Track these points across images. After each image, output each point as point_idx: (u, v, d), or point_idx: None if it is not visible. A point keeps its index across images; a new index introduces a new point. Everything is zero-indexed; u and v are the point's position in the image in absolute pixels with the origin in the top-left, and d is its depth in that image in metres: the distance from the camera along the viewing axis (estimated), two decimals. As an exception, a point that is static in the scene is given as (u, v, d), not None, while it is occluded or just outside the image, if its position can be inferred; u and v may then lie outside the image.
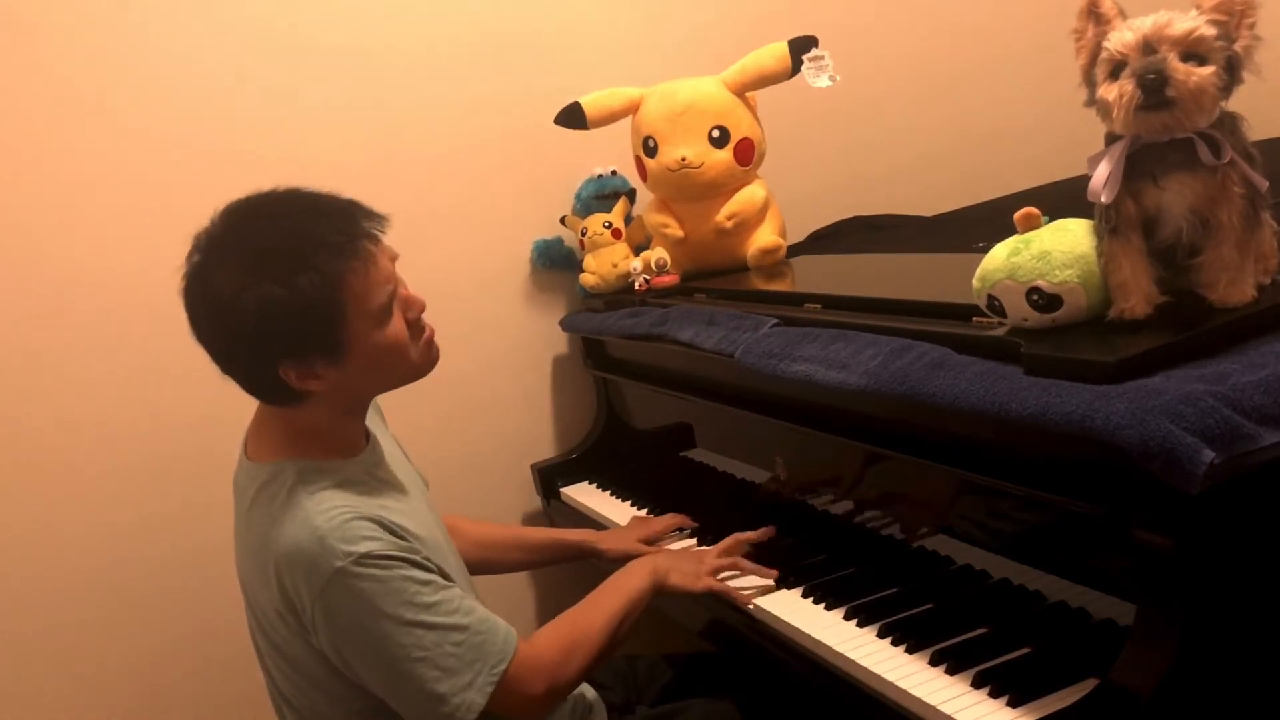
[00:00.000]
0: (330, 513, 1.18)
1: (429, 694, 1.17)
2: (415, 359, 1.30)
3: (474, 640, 1.19)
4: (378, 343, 1.24)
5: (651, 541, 1.69)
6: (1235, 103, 1.07)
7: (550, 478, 2.14)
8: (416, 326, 1.30)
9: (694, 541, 1.69)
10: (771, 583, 1.46)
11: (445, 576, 1.23)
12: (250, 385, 1.26)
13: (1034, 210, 1.15)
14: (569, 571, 2.19)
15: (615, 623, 1.34)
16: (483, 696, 1.18)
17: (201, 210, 1.25)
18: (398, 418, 1.61)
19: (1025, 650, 1.16)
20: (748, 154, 2.00)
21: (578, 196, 2.20)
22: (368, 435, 1.36)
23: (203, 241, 1.22)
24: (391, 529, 1.19)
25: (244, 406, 1.36)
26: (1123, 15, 1.07)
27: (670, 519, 1.74)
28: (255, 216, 1.22)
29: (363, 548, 1.15)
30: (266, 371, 1.21)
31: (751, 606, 1.43)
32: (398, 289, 1.27)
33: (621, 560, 1.56)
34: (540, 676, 1.25)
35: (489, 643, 1.21)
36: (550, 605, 2.21)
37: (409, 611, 1.16)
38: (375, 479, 1.30)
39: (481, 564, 1.64)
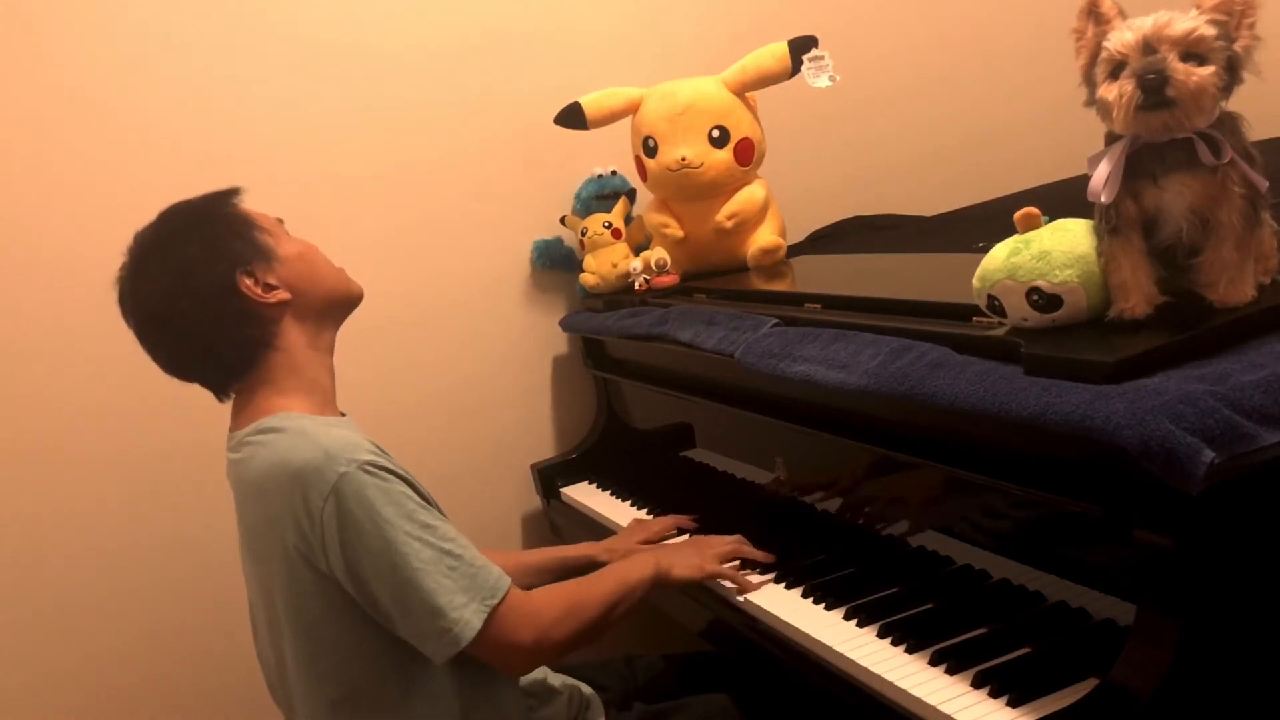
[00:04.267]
0: (333, 434, 1.24)
1: (431, 606, 1.20)
2: (335, 271, 1.41)
3: (468, 570, 1.23)
4: (292, 246, 1.37)
5: (652, 544, 1.69)
6: (1235, 103, 1.07)
7: (550, 478, 2.14)
8: None
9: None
10: (771, 576, 1.48)
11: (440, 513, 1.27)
12: (226, 344, 1.31)
13: (1034, 210, 1.15)
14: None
15: (611, 603, 1.36)
16: (479, 619, 1.21)
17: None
18: (399, 417, 1.61)
19: (1025, 650, 1.16)
20: (748, 154, 2.00)
21: (578, 196, 2.20)
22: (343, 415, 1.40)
23: (122, 293, 1.33)
24: (391, 459, 1.25)
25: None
26: (1123, 15, 1.07)
27: (670, 520, 1.74)
28: (137, 242, 1.33)
29: (365, 456, 1.21)
30: (233, 308, 1.29)
31: (744, 599, 1.44)
32: (282, 223, 1.41)
33: None
34: (531, 626, 1.26)
35: (483, 576, 1.24)
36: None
37: (409, 524, 1.20)
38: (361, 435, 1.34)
39: None
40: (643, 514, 1.85)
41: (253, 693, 1.44)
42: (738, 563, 1.52)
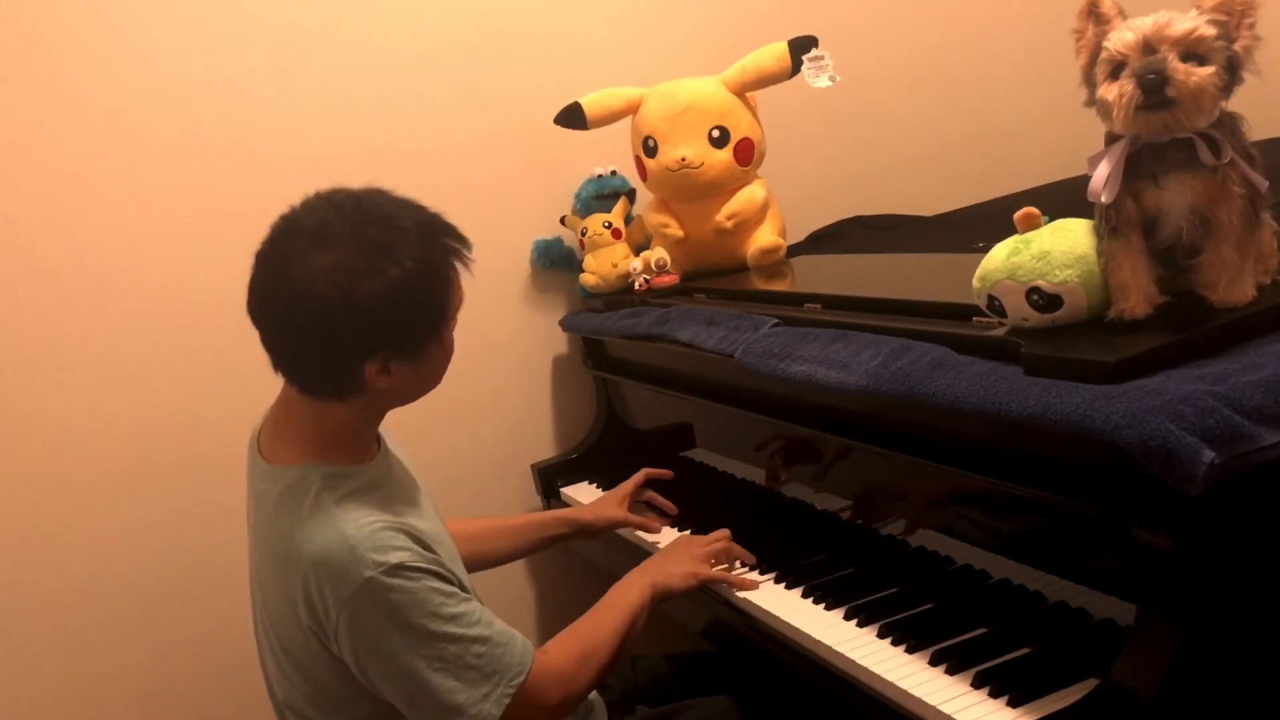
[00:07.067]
0: (360, 521, 1.18)
1: (446, 705, 1.18)
2: (442, 373, 1.32)
3: (494, 652, 1.21)
4: (446, 347, 1.27)
5: (629, 502, 1.76)
6: (1235, 103, 1.07)
7: (550, 478, 2.14)
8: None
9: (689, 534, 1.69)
10: (771, 576, 1.48)
11: (463, 589, 1.24)
12: (315, 376, 1.22)
13: (1034, 210, 1.15)
14: (568, 573, 2.19)
15: (621, 634, 1.36)
16: (498, 708, 1.19)
17: (200, 207, 1.26)
18: (398, 417, 1.61)
19: (1025, 650, 1.16)
20: (748, 154, 2.00)
21: (578, 196, 2.20)
22: (379, 441, 1.37)
23: (299, 228, 1.18)
24: (418, 539, 1.20)
25: (243, 407, 1.36)
26: (1123, 15, 1.07)
27: (640, 474, 1.79)
28: (365, 209, 1.19)
29: (393, 558, 1.16)
30: (348, 364, 1.20)
31: (744, 599, 1.44)
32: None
33: (607, 529, 1.73)
34: (555, 686, 1.26)
35: (508, 654, 1.22)
36: (549, 602, 2.21)
37: (433, 623, 1.17)
38: (392, 483, 1.31)
39: (472, 557, 1.63)
40: (643, 514, 1.86)
41: (259, 709, 1.44)
42: (731, 563, 1.52)
